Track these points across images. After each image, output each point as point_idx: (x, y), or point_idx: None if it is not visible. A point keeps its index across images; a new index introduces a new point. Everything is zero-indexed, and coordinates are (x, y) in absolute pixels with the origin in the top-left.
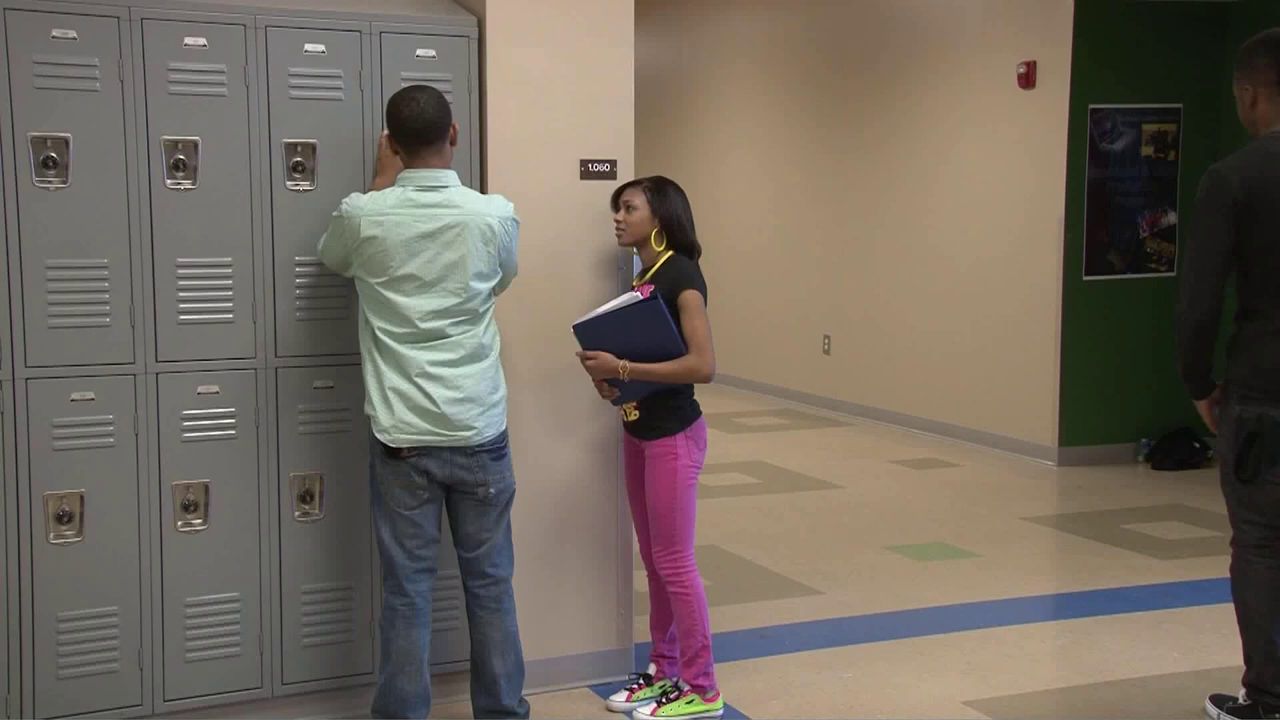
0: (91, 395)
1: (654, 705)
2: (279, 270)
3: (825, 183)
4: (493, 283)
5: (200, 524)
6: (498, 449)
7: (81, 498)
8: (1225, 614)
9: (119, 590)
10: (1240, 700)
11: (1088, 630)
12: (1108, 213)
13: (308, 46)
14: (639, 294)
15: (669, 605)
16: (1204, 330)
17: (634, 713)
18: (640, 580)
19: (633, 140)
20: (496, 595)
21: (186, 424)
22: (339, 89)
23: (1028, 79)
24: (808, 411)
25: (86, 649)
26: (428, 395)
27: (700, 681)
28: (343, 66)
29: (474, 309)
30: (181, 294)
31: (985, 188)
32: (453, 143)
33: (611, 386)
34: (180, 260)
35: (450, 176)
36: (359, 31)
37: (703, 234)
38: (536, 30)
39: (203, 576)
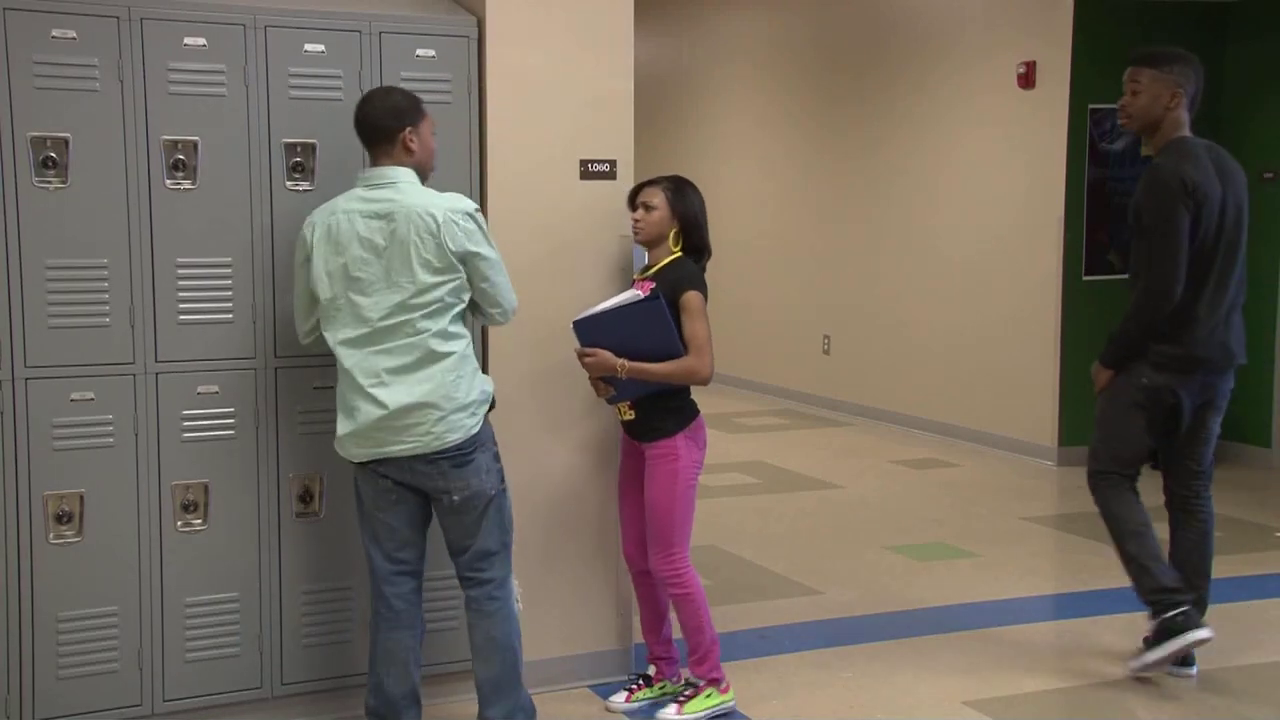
0: (91, 395)
1: (675, 706)
2: (279, 270)
3: (825, 183)
4: (448, 279)
5: (200, 524)
6: (461, 455)
7: (81, 498)
8: (1225, 613)
9: (118, 590)
10: (1148, 634)
11: (1087, 630)
12: (1107, 213)
13: (307, 46)
14: (640, 292)
15: (657, 606)
16: (1166, 310)
17: (658, 714)
18: None
19: (632, 140)
20: (479, 598)
21: (186, 424)
22: (339, 89)
23: (1027, 79)
24: (807, 411)
25: (86, 649)
26: (379, 403)
27: (714, 675)
28: (342, 66)
29: (426, 304)
30: (181, 294)
31: (985, 188)
32: (407, 150)
33: (607, 385)
34: (180, 260)
35: (400, 174)
36: (359, 31)
37: None
38: (536, 30)
39: (202, 576)
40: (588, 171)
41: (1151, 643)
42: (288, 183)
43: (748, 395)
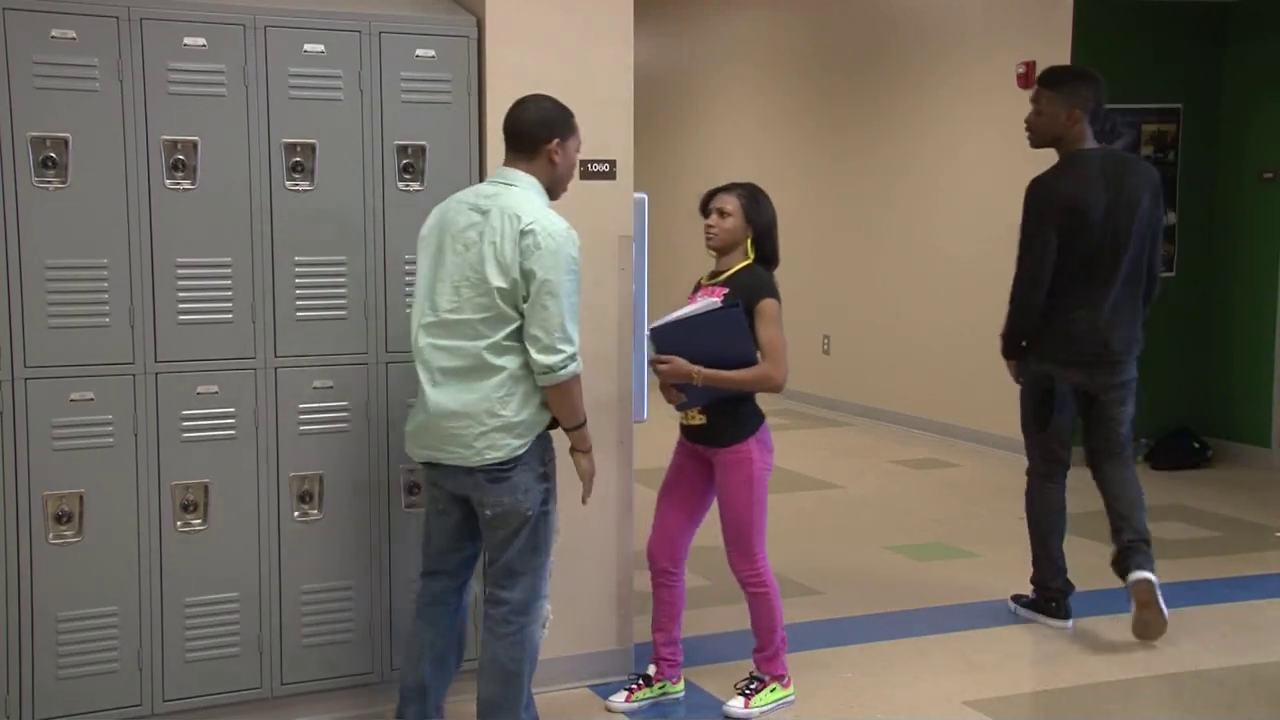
0: (91, 395)
1: (743, 700)
2: (278, 270)
3: (825, 183)
4: (513, 298)
5: (200, 524)
6: (500, 471)
7: (81, 498)
8: (1226, 614)
9: (118, 590)
10: (1029, 595)
11: (1087, 630)
12: None
13: (307, 46)
14: (716, 300)
15: (673, 606)
16: (1037, 307)
17: (725, 706)
18: (641, 580)
19: (632, 140)
20: (496, 618)
21: (186, 424)
22: (338, 89)
23: (1027, 79)
24: (807, 411)
25: (86, 649)
26: (426, 405)
27: (780, 672)
28: (342, 66)
29: (488, 308)
30: (181, 294)
31: (985, 188)
32: (551, 161)
33: (678, 391)
34: (180, 260)
35: (520, 177)
36: (358, 31)
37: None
38: (536, 30)
39: (202, 577)
40: (588, 171)
41: (1026, 602)
42: (287, 183)
43: None
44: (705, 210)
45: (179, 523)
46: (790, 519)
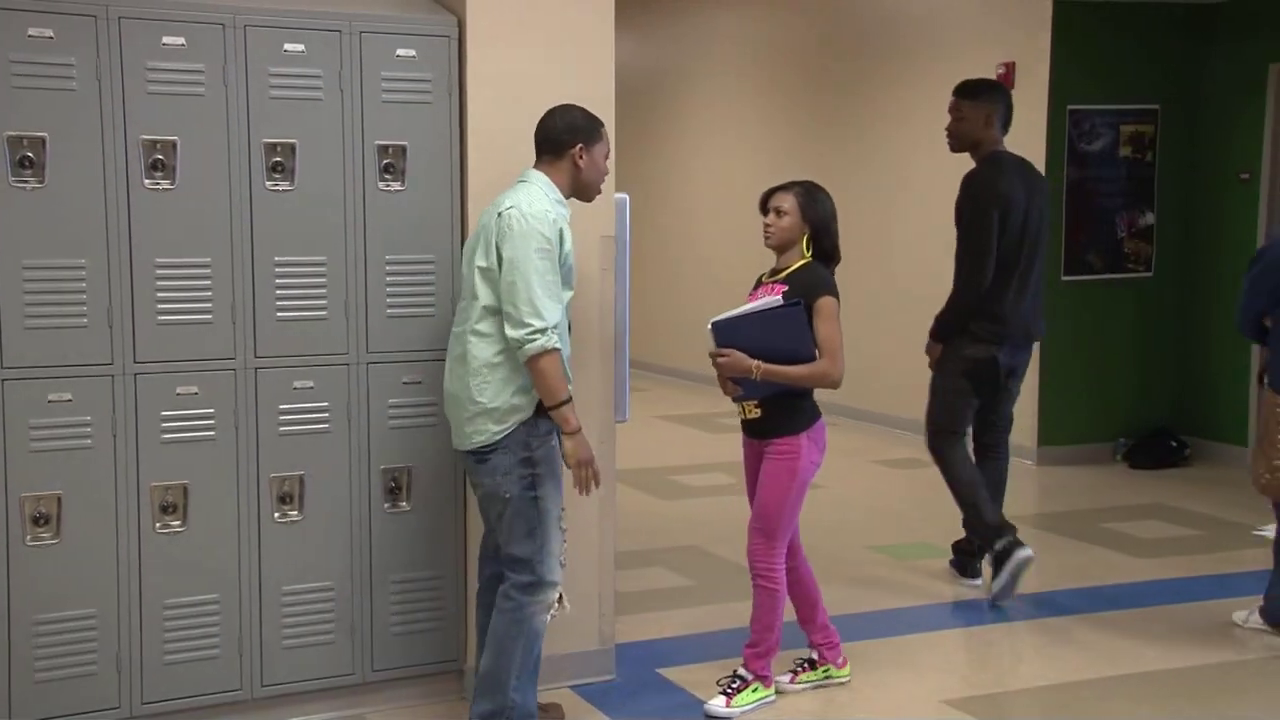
0: (69, 396)
1: (724, 699)
2: (259, 270)
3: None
4: (492, 278)
5: (179, 525)
6: (481, 454)
7: (59, 499)
8: (1204, 611)
9: (97, 593)
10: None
11: (1067, 628)
12: (1086, 213)
13: (287, 46)
14: (778, 297)
15: (808, 597)
16: (983, 286)
17: (707, 705)
18: (630, 580)
19: (614, 139)
20: (501, 592)
21: (165, 425)
22: (319, 89)
23: (1007, 79)
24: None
25: (64, 652)
26: (444, 392)
27: (765, 673)
28: (322, 66)
29: (472, 301)
30: (160, 294)
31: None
32: (576, 166)
33: (735, 384)
34: (159, 260)
35: (534, 175)
36: (339, 31)
37: (682, 235)
38: (517, 30)
39: (181, 578)
40: None
41: (994, 573)
42: (268, 183)
43: None
44: (764, 208)
45: (158, 524)
46: None
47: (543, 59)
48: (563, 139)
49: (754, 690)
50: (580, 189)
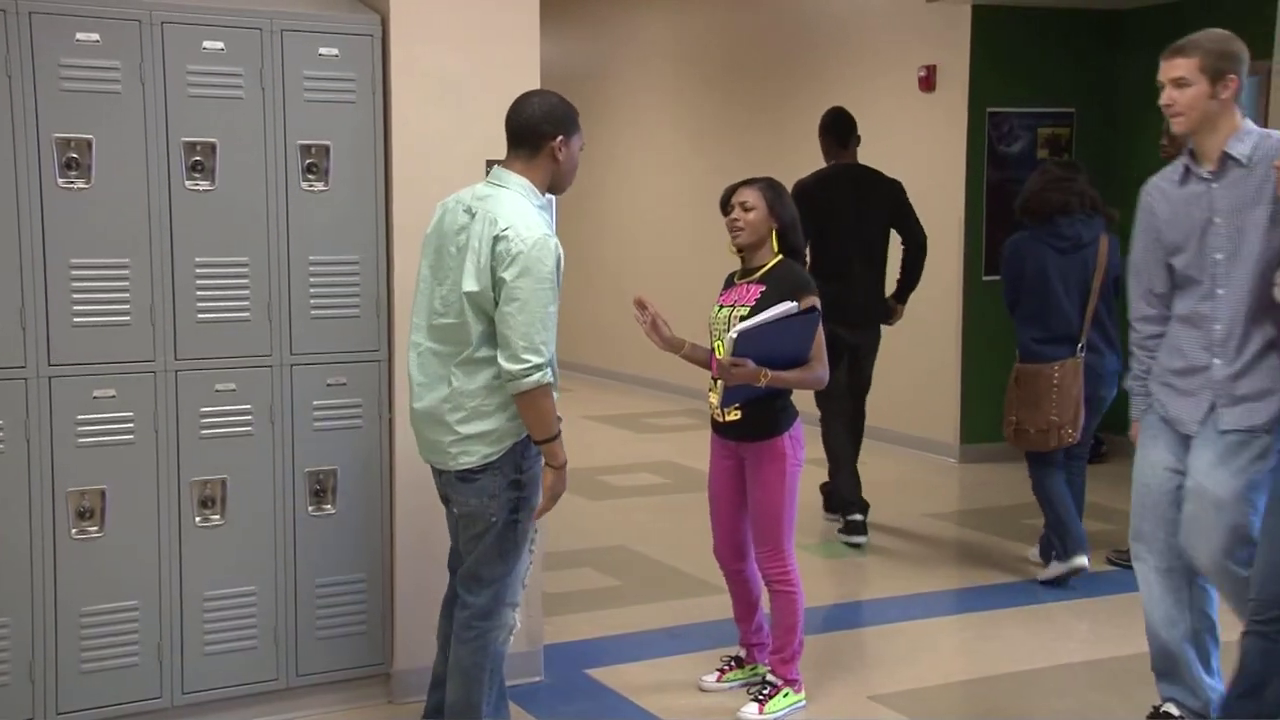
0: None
1: (756, 705)
2: (178, 271)
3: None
4: (483, 303)
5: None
6: (469, 473)
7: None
8: (1123, 605)
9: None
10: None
11: (989, 623)
12: (1006, 214)
13: (206, 44)
14: (793, 304)
15: (748, 598)
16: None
17: (740, 713)
18: (557, 581)
19: None
20: (460, 621)
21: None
22: (239, 87)
23: (928, 82)
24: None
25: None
26: (414, 408)
27: (793, 677)
28: (243, 64)
29: (465, 325)
30: (75, 295)
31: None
32: (554, 159)
33: (727, 390)
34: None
35: (513, 179)
36: (259, 29)
37: (612, 234)
38: (441, 29)
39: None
40: None
41: (843, 531)
42: (187, 182)
43: (658, 395)
44: (726, 207)
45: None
46: (700, 519)
47: (468, 58)
48: (543, 130)
49: (785, 696)
50: (555, 184)
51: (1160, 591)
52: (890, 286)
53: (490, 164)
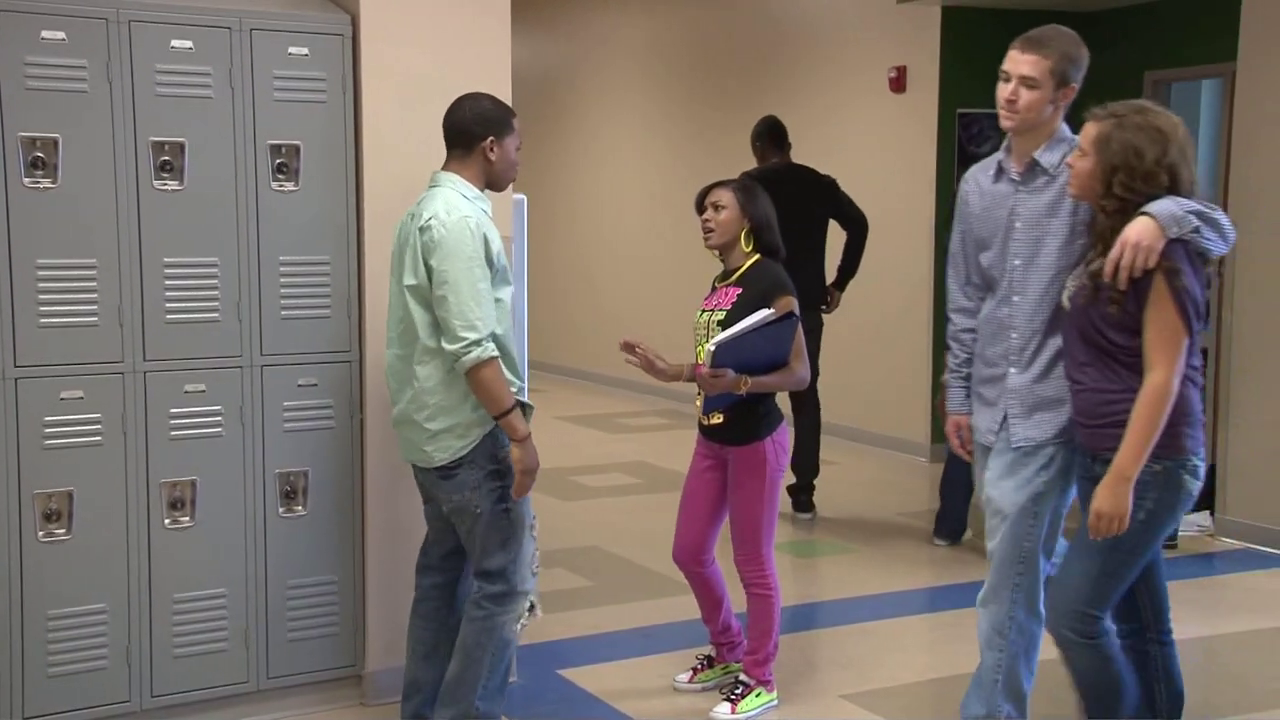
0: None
1: (729, 705)
2: (147, 271)
3: (707, 183)
4: (423, 294)
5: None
6: (447, 469)
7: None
8: None
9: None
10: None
11: (961, 622)
12: None
13: (174, 43)
14: (771, 310)
15: (712, 597)
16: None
17: (713, 713)
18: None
19: None
20: (471, 601)
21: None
22: (208, 86)
23: (899, 83)
24: (689, 411)
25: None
26: (392, 414)
27: (767, 678)
28: (212, 64)
29: (411, 323)
30: (41, 296)
31: (859, 190)
32: (486, 159)
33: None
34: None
35: (445, 178)
36: (228, 28)
37: (584, 235)
38: (412, 29)
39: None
40: None
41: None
42: (155, 182)
43: (630, 396)
44: (701, 207)
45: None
46: (672, 519)
47: (438, 57)
48: (473, 131)
49: (757, 695)
50: (492, 181)
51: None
52: (832, 275)
53: None
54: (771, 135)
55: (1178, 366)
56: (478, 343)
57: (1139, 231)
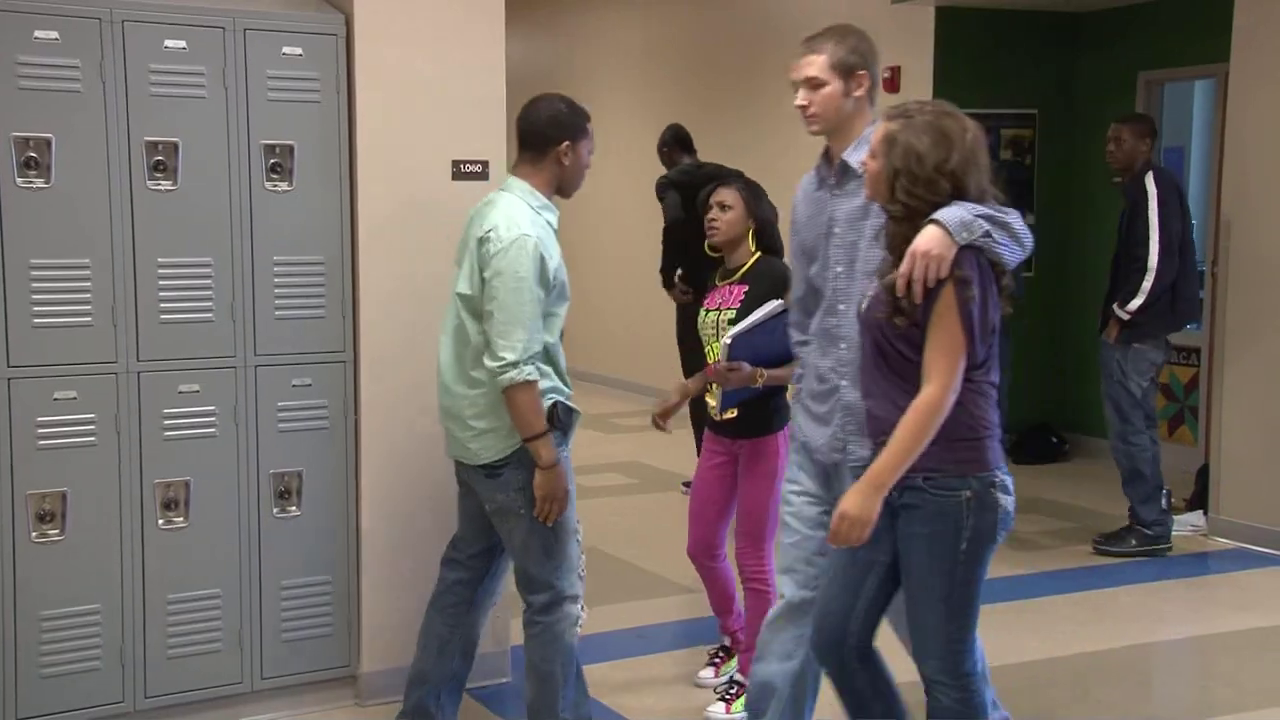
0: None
1: (724, 705)
2: (141, 272)
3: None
4: (475, 305)
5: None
6: (492, 468)
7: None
8: (1082, 603)
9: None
10: None
11: None
12: None
13: (168, 43)
14: (780, 301)
15: (725, 590)
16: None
17: (707, 711)
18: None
19: (504, 141)
20: (525, 620)
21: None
22: (202, 86)
23: (892, 84)
24: (684, 412)
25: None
26: (439, 405)
27: None
28: (205, 63)
29: (463, 326)
30: (35, 296)
31: None
32: (559, 163)
33: (724, 393)
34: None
35: (514, 184)
36: (222, 28)
37: (578, 235)
38: (406, 29)
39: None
40: (460, 172)
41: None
42: (149, 182)
43: (624, 395)
44: (704, 206)
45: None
46: (667, 519)
47: (433, 57)
48: (547, 134)
49: None
50: (563, 187)
51: (786, 623)
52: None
53: (455, 163)
54: (679, 140)
55: (954, 381)
56: (515, 364)
57: (928, 241)
